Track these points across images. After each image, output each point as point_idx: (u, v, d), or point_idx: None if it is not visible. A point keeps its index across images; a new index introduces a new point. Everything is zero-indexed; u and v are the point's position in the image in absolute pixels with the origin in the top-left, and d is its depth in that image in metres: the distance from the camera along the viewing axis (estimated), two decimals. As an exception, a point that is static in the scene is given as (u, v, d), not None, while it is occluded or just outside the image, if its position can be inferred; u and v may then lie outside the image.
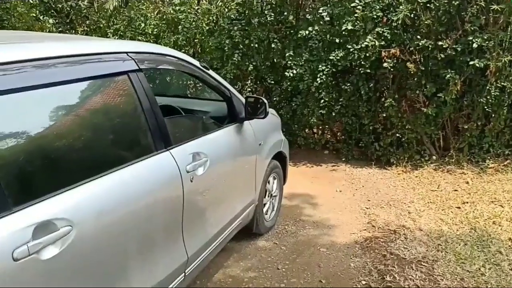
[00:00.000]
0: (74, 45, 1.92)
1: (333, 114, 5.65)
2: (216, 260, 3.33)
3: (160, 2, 6.35)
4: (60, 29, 7.35)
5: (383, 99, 5.37)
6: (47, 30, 7.02)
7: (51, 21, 7.22)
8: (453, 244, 3.53)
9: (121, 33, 6.61)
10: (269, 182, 3.72)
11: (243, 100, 3.05)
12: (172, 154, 2.16)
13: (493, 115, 5.06)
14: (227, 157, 2.84)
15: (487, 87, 4.83)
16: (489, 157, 5.18)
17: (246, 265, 3.34)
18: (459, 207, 4.23)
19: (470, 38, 4.64)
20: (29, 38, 2.03)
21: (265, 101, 3.02)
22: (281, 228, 3.94)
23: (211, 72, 2.83)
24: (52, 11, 7.47)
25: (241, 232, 3.49)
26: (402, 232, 3.78)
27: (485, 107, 4.93)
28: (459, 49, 4.72)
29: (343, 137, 6.13)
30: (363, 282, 3.11)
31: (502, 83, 4.80)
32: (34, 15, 7.26)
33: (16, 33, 2.78)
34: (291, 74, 5.36)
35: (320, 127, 6.43)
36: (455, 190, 4.63)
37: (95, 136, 1.86)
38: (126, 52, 2.06)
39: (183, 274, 2.32)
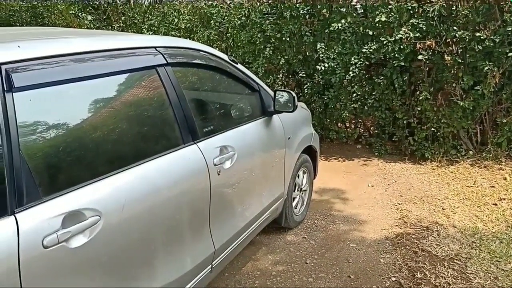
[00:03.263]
0: (104, 40, 1.98)
1: (366, 108, 5.57)
2: (245, 253, 3.38)
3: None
4: (97, 25, 7.56)
5: (417, 93, 5.23)
6: (85, 27, 7.24)
7: (89, 17, 7.45)
8: (488, 242, 3.42)
9: (155, 29, 6.73)
10: (298, 176, 3.71)
11: (272, 94, 3.06)
12: (199, 147, 2.20)
13: (534, 109, 4.86)
14: (255, 150, 2.84)
15: (528, 80, 4.64)
16: (528, 152, 4.98)
17: (275, 258, 3.36)
18: (495, 204, 4.09)
19: (510, 28, 4.45)
20: (61, 34, 2.09)
21: (294, 94, 3.01)
22: (311, 223, 3.93)
23: (239, 65, 2.84)
24: (90, 8, 7.70)
25: (270, 226, 3.52)
26: (434, 228, 3.70)
27: (526, 100, 4.74)
28: (497, 40, 4.54)
29: (376, 131, 6.02)
30: (393, 279, 3.07)
31: (544, 75, 4.59)
32: (73, 12, 7.51)
33: (52, 29, 2.87)
34: (323, 68, 5.31)
35: (353, 121, 6.35)
36: (492, 186, 4.48)
37: (124, 129, 1.92)
38: (155, 47, 2.10)
39: (210, 265, 2.37)
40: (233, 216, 2.61)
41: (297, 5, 5.46)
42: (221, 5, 5.79)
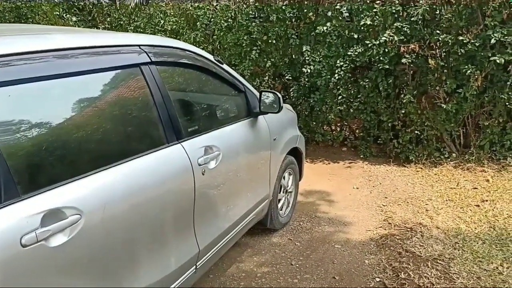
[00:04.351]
0: (87, 37, 1.95)
1: (352, 110, 5.61)
2: (230, 255, 3.36)
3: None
4: (82, 26, 7.48)
5: (402, 96, 5.29)
6: (70, 28, 7.15)
7: (74, 18, 7.38)
8: (470, 242, 3.46)
9: (141, 30, 6.69)
10: (284, 178, 3.71)
11: (257, 95, 3.06)
12: (183, 146, 2.18)
13: (515, 112, 4.94)
14: (240, 151, 2.84)
15: (509, 83, 4.71)
16: (510, 155, 5.04)
17: (260, 260, 3.35)
18: (478, 205, 4.14)
19: (491, 32, 4.52)
20: (42, 31, 2.06)
21: (279, 95, 3.02)
22: (296, 225, 3.93)
23: (225, 66, 2.84)
24: (75, 9, 7.62)
25: (255, 228, 3.51)
26: (418, 229, 3.73)
27: (507, 103, 4.81)
28: (478, 44, 4.61)
29: (361, 134, 6.07)
30: (377, 279, 3.09)
31: (525, 79, 4.67)
32: (58, 13, 7.43)
33: (33, 26, 2.82)
34: (309, 70, 5.33)
35: (339, 124, 6.38)
36: (475, 188, 4.53)
37: (106, 127, 1.89)
38: (139, 45, 2.08)
39: (195, 266, 2.35)
40: (218, 217, 2.59)
41: (283, 7, 5.47)
42: (208, 6, 5.78)
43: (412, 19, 4.86)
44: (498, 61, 4.50)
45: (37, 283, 1.41)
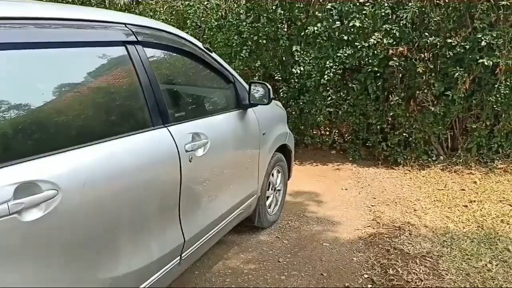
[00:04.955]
0: (71, 10, 1.89)
1: (341, 113, 5.60)
2: (216, 252, 3.31)
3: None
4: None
5: (391, 98, 5.30)
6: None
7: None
8: (459, 241, 3.44)
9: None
10: (273, 175, 3.67)
11: (247, 87, 3.02)
12: (170, 131, 2.12)
13: (502, 115, 4.97)
14: (229, 142, 2.79)
15: (497, 86, 4.75)
16: (498, 158, 5.08)
17: (247, 257, 3.30)
18: (466, 206, 4.14)
19: (479, 35, 4.57)
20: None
21: (269, 86, 2.98)
22: (284, 223, 3.89)
23: (214, 54, 2.80)
24: (64, 8, 7.52)
25: (243, 225, 3.46)
26: (407, 228, 3.71)
27: (494, 106, 4.85)
28: (467, 46, 4.65)
29: (350, 137, 6.06)
30: (365, 276, 3.04)
31: (512, 82, 4.72)
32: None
33: None
34: (299, 71, 5.32)
35: (328, 127, 6.38)
36: (463, 190, 4.54)
37: (87, 104, 1.82)
38: (125, 23, 2.03)
39: (179, 257, 2.28)
40: (205, 207, 2.53)
41: (273, 7, 5.47)
42: (198, 5, 5.75)
43: (402, 22, 4.89)
44: (486, 63, 4.53)
45: (7, 258, 1.34)
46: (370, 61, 5.06)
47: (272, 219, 3.79)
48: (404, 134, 5.30)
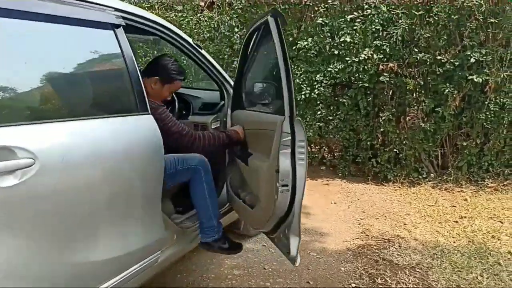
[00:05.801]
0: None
1: (331, 127, 5.56)
2: (200, 258, 3.21)
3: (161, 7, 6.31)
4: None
5: (381, 114, 5.28)
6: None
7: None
8: (449, 254, 3.37)
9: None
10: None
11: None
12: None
13: (492, 134, 4.96)
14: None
15: (486, 103, 4.76)
16: (488, 177, 5.04)
17: (231, 263, 3.20)
18: (456, 221, 4.07)
19: (468, 53, 4.60)
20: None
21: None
22: (271, 233, 3.78)
23: (204, 52, 2.76)
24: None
25: (229, 232, 3.34)
26: (396, 241, 3.64)
27: (484, 123, 4.84)
28: (457, 63, 4.68)
29: (340, 153, 6.01)
30: (353, 285, 2.96)
31: (502, 100, 4.72)
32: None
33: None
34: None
35: (317, 143, 6.32)
36: (453, 206, 4.48)
37: (68, 80, 1.77)
38: (115, 8, 1.99)
39: (160, 251, 2.18)
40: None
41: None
42: (191, 17, 5.76)
43: (392, 39, 4.92)
44: (476, 80, 4.55)
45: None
46: (360, 76, 5.06)
47: (259, 228, 3.69)
48: (395, 150, 5.26)
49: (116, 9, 2.00)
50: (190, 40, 2.62)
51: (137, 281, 2.04)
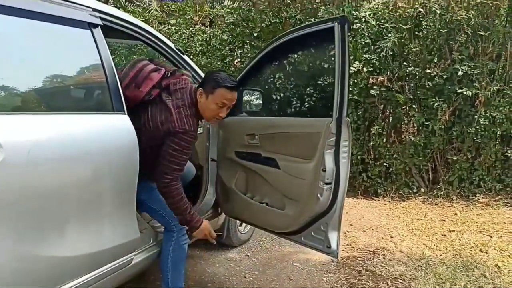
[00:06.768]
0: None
1: (321, 141, 5.54)
2: (180, 265, 3.15)
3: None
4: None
5: (372, 128, 5.28)
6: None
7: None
8: (434, 266, 3.32)
9: (116, 47, 6.65)
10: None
11: None
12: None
13: (483, 148, 4.94)
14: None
15: (476, 117, 4.75)
16: (480, 192, 4.99)
17: (212, 271, 3.16)
18: (444, 235, 4.03)
19: (457, 66, 4.62)
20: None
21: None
22: (256, 243, 3.76)
23: (185, 57, 2.78)
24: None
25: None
26: (381, 253, 3.59)
27: (475, 138, 4.82)
28: (445, 76, 4.69)
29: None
30: (334, 295, 2.91)
31: (492, 114, 4.72)
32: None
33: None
34: (279, 97, 5.31)
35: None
36: (443, 220, 4.43)
37: (44, 74, 1.78)
38: (93, 8, 2.01)
39: (134, 253, 2.15)
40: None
41: (256, 34, 5.55)
42: (184, 30, 5.82)
43: (382, 53, 4.95)
44: (465, 93, 4.56)
45: None
46: (350, 89, 5.07)
47: (244, 237, 3.67)
48: (385, 164, 5.24)
49: (94, 9, 2.02)
50: (171, 44, 2.63)
51: (109, 281, 2.00)
